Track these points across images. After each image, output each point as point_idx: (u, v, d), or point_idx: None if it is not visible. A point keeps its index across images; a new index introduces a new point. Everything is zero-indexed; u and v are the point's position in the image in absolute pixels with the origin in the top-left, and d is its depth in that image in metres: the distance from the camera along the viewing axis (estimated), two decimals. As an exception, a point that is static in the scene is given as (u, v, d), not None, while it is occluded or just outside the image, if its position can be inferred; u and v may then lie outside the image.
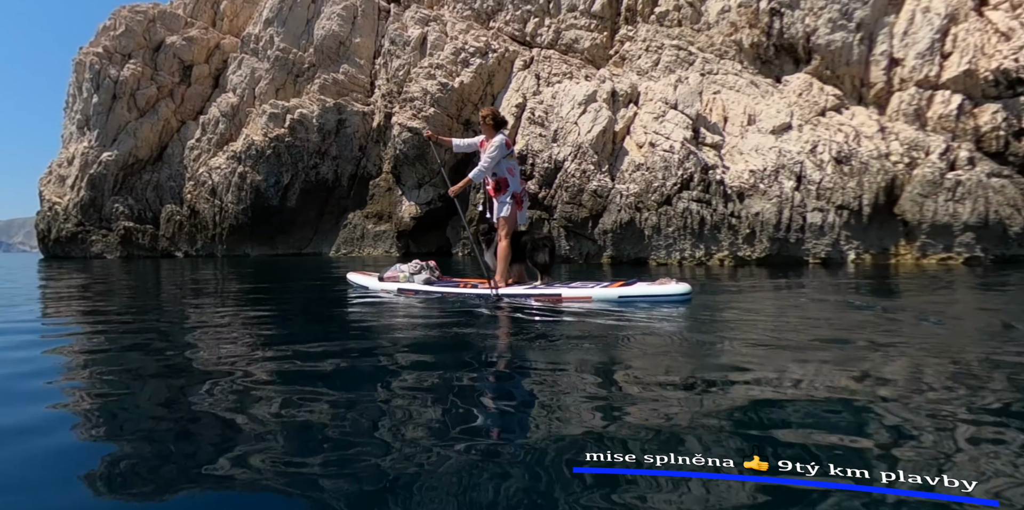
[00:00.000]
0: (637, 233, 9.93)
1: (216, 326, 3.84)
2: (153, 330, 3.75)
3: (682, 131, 10.86)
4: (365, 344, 3.00)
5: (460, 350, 2.88)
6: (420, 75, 20.44)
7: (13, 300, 5.93)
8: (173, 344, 3.16)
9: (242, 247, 23.28)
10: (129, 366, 2.58)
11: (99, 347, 3.17)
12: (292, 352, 2.72)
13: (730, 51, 14.51)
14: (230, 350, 2.90)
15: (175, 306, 5.36)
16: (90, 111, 24.70)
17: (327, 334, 3.40)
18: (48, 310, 5.23)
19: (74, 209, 24.69)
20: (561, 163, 11.25)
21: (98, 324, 4.18)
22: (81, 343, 3.29)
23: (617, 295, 4.39)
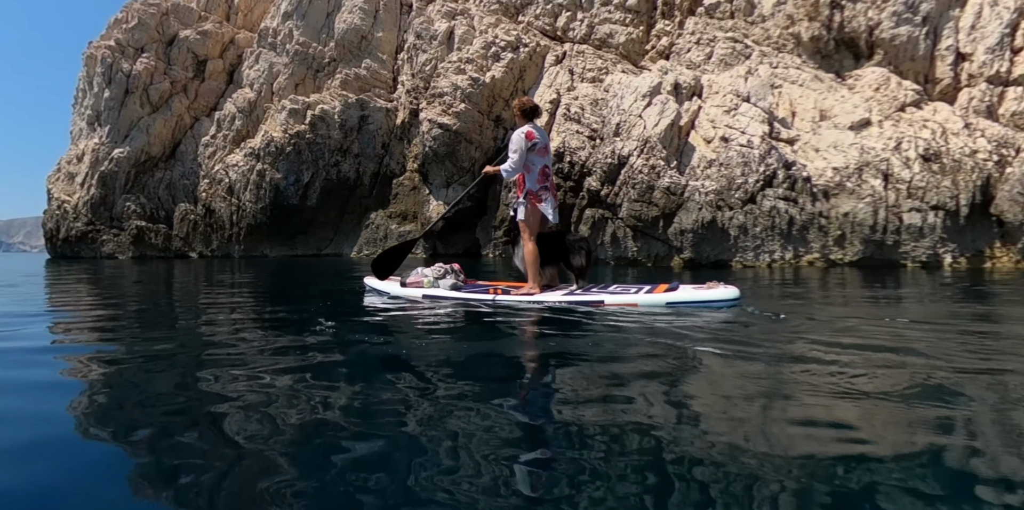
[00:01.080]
0: (719, 233, 9.25)
1: (233, 335, 3.50)
2: (168, 339, 3.41)
3: (759, 125, 10.20)
4: (385, 359, 2.69)
5: (492, 371, 2.48)
6: (449, 70, 19.72)
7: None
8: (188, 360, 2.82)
9: (260, 248, 22.46)
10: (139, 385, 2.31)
11: (113, 357, 2.84)
12: (309, 371, 2.42)
13: (788, 44, 13.88)
14: (241, 365, 2.58)
15: (195, 316, 4.65)
16: (101, 106, 23.82)
17: (344, 346, 3.00)
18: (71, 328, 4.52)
19: (84, 207, 23.80)
20: (625, 158, 10.55)
21: (113, 331, 3.81)
22: (93, 351, 3.02)
23: (664, 301, 4.05)
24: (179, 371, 2.45)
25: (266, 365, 2.46)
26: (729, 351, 2.66)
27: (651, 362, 2.47)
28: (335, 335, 3.25)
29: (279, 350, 2.85)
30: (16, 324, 3.88)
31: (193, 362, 2.61)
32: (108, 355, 2.87)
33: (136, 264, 17.54)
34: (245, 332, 3.56)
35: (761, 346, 2.74)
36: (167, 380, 2.30)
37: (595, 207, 10.87)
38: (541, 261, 4.67)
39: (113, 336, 3.57)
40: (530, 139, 4.63)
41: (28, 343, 3.20)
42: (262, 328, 3.73)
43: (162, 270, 12.92)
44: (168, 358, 2.73)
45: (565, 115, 17.96)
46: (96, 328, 3.95)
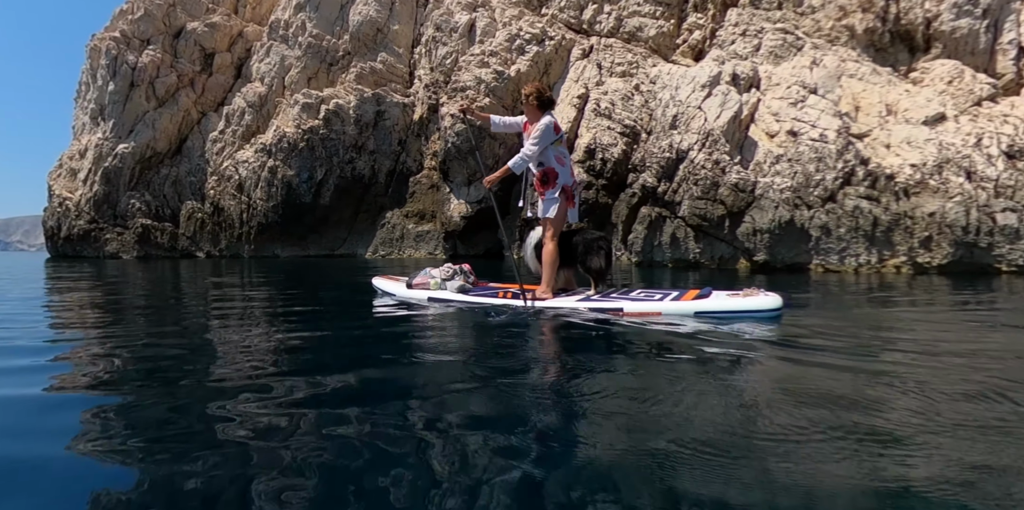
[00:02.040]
0: (798, 234, 8.53)
1: (240, 337, 3.40)
2: (174, 346, 3.21)
3: (830, 119, 9.50)
4: (377, 369, 2.52)
5: (491, 390, 2.20)
6: (471, 63, 18.96)
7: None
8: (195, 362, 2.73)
9: (271, 247, 21.62)
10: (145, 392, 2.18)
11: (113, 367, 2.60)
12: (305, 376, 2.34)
13: (841, 37, 13.20)
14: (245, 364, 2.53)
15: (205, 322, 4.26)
16: (105, 100, 22.93)
17: (340, 353, 2.89)
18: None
19: (86, 205, 22.89)
20: (685, 153, 9.83)
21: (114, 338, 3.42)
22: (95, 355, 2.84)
23: (693, 310, 3.61)
24: (180, 390, 2.20)
25: (265, 390, 2.15)
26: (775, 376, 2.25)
27: (672, 388, 2.11)
28: (337, 344, 3.06)
29: (279, 368, 2.56)
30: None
31: (197, 383, 2.33)
32: (106, 373, 2.53)
33: (141, 264, 16.73)
34: (248, 340, 3.28)
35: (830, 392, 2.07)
36: (166, 395, 2.11)
37: (652, 205, 10.14)
38: (558, 263, 4.34)
39: (110, 348, 3.12)
40: (557, 132, 4.32)
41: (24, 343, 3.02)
42: (266, 335, 3.42)
43: (168, 271, 12.17)
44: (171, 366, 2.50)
45: (595, 110, 17.25)
46: (95, 342, 3.41)
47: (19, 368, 2.54)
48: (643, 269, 10.12)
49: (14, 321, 4.10)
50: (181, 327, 3.87)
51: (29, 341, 3.22)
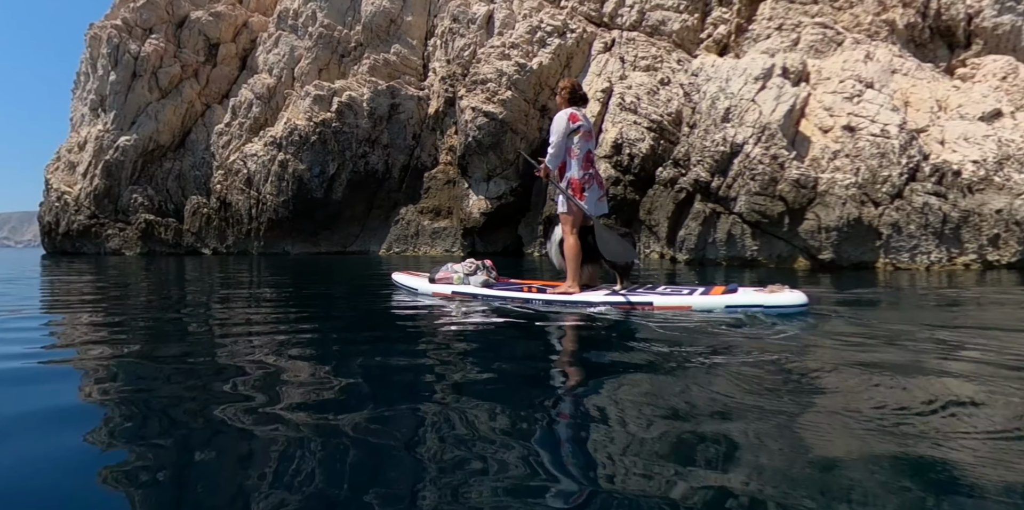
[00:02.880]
0: (865, 232, 8.36)
1: (255, 335, 3.32)
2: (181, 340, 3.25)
3: (890, 113, 9.34)
4: (412, 361, 2.52)
5: (523, 383, 2.22)
6: (492, 55, 18.62)
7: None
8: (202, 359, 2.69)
9: (281, 244, 21.16)
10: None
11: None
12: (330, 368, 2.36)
13: (881, 32, 13.08)
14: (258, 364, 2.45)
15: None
16: (106, 90, 22.28)
17: (372, 346, 2.85)
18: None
19: (86, 199, 22.25)
20: (739, 147, 9.63)
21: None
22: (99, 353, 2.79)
23: (723, 304, 3.64)
24: (190, 385, 2.16)
25: (282, 385, 2.11)
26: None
27: (715, 382, 2.07)
28: (357, 338, 3.04)
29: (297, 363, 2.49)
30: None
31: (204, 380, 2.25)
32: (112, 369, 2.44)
33: (144, 261, 16.24)
34: (260, 337, 3.16)
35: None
36: (178, 383, 2.11)
37: (704, 201, 9.92)
38: (581, 258, 4.30)
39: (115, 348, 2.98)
40: (574, 121, 4.27)
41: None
42: (281, 333, 3.29)
43: (173, 268, 11.81)
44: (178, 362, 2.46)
45: (620, 105, 17.03)
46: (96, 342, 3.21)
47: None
48: (694, 267, 9.90)
49: None
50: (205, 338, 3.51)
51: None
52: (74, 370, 2.46)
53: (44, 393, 2.05)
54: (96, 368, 2.41)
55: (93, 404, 1.92)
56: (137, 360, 2.57)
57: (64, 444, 1.53)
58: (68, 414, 1.80)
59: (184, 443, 1.57)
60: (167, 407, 1.86)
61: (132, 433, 1.64)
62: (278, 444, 1.50)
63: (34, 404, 1.90)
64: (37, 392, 2.06)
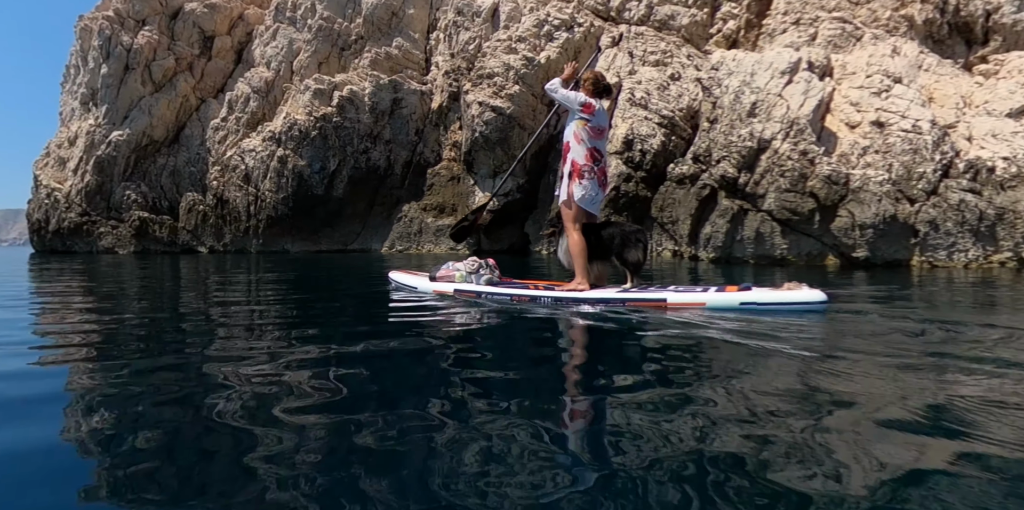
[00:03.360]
0: (900, 229, 8.24)
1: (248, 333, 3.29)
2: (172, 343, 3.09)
3: (920, 109, 9.23)
4: (416, 362, 2.45)
5: (541, 385, 2.16)
6: (498, 49, 18.36)
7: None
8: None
9: (280, 242, 20.78)
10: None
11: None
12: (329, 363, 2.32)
13: (900, 27, 12.98)
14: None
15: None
16: (98, 83, 21.71)
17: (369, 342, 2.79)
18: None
19: (77, 196, 21.70)
20: (767, 142, 9.47)
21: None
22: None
23: (738, 301, 3.59)
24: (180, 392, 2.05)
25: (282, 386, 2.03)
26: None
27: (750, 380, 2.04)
28: (358, 339, 2.93)
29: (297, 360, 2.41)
30: None
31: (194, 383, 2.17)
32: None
33: (138, 260, 15.85)
34: (259, 340, 3.05)
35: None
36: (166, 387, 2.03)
37: (731, 198, 9.76)
38: (588, 256, 4.25)
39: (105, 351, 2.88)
40: (586, 111, 4.19)
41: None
42: (280, 336, 3.18)
43: (168, 267, 11.53)
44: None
45: (630, 100, 16.85)
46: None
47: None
48: (720, 266, 9.73)
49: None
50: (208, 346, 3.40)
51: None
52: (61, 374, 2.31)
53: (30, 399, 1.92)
54: (83, 387, 2.17)
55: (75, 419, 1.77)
56: (127, 372, 2.34)
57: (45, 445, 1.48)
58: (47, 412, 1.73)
59: (182, 448, 1.50)
60: (161, 414, 1.76)
61: (121, 448, 1.53)
62: (276, 449, 1.44)
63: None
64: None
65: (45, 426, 1.66)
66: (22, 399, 1.93)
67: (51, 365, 2.45)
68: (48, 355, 2.72)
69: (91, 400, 1.89)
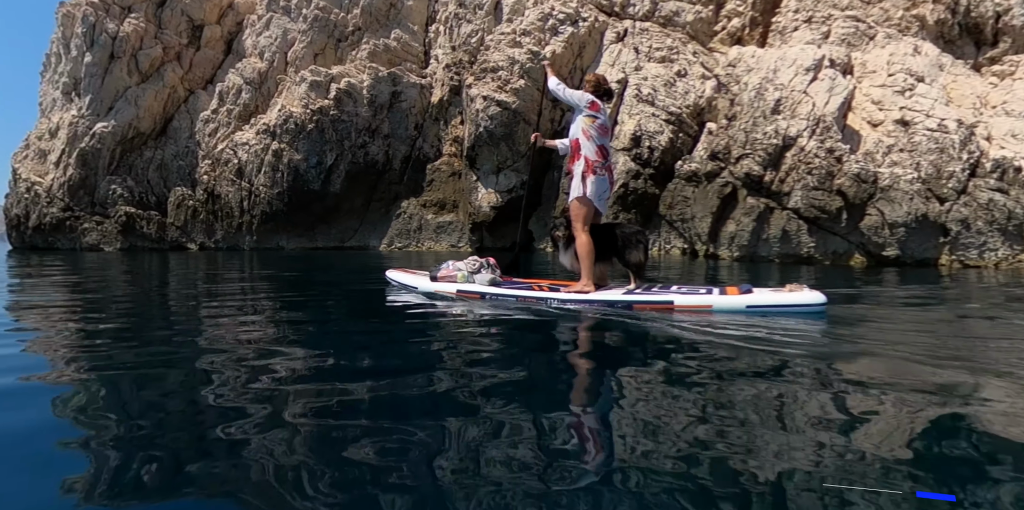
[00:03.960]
0: (930, 228, 8.31)
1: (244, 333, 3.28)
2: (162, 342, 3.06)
3: (944, 108, 9.32)
4: (421, 366, 2.41)
5: (548, 385, 2.18)
6: (502, 42, 18.17)
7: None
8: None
9: (275, 238, 20.36)
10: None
11: None
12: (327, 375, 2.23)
13: (912, 27, 13.12)
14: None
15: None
16: (81, 72, 20.98)
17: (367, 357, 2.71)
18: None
19: (60, 191, 20.98)
20: (792, 140, 9.48)
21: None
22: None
23: (744, 304, 3.71)
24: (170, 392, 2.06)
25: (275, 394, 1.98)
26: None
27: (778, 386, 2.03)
28: (360, 340, 2.93)
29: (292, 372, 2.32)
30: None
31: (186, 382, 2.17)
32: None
33: (126, 258, 15.36)
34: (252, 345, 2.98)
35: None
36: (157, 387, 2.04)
37: (756, 196, 9.75)
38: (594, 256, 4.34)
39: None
40: (593, 109, 4.30)
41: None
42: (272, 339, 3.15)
43: (156, 266, 11.23)
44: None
45: (637, 96, 16.82)
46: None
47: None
48: (745, 265, 9.73)
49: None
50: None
51: None
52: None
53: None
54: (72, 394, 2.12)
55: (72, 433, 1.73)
56: (116, 378, 2.28)
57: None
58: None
59: (188, 456, 1.48)
60: (157, 424, 1.72)
61: (118, 462, 1.50)
62: (278, 461, 1.42)
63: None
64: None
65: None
66: None
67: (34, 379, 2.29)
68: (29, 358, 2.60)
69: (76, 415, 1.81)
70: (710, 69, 17.43)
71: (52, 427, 1.68)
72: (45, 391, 2.07)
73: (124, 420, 1.73)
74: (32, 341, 3.11)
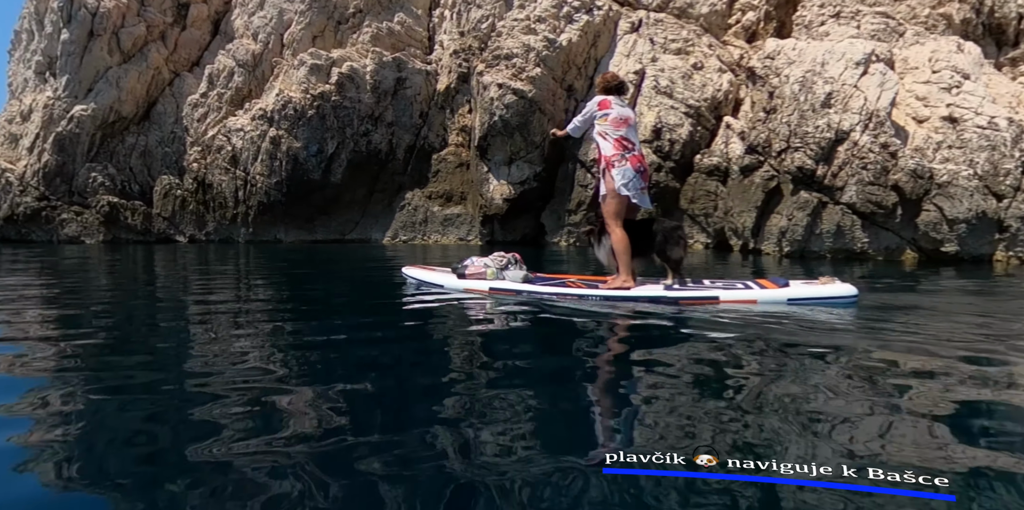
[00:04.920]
0: (987, 224, 8.55)
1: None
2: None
3: (993, 106, 9.57)
4: (476, 370, 2.38)
5: (621, 390, 2.17)
6: (516, 28, 17.92)
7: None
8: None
9: (272, 231, 19.72)
10: None
11: None
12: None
13: (939, 25, 13.43)
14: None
15: None
16: (56, 51, 19.79)
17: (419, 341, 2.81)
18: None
19: (34, 178, 19.82)
20: (844, 134, 9.60)
21: None
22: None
23: (786, 297, 3.91)
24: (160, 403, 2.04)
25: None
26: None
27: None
28: (404, 344, 2.87)
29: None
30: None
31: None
32: None
33: (108, 250, 14.60)
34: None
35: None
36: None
37: (808, 190, 9.85)
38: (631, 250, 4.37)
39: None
40: (603, 108, 4.43)
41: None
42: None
43: (141, 262, 10.72)
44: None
45: (655, 88, 16.85)
46: None
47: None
48: (794, 260, 9.83)
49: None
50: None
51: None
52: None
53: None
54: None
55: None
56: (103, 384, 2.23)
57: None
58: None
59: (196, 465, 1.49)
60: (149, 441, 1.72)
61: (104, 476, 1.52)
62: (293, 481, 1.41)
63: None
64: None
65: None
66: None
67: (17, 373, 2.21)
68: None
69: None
70: (726, 62, 17.56)
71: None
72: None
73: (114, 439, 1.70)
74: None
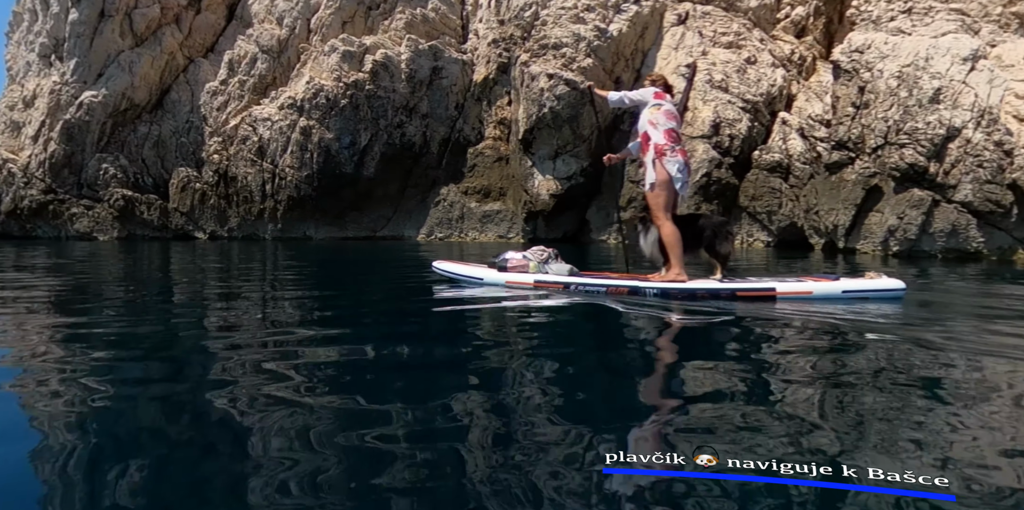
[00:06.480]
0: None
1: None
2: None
3: (1100, 105, 9.74)
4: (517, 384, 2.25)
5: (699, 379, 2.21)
6: (563, 17, 17.70)
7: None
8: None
9: (301, 227, 19.20)
10: None
11: None
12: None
13: (1012, 24, 13.63)
14: None
15: None
16: (64, 32, 18.88)
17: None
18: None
19: (39, 169, 18.91)
20: (956, 131, 9.67)
21: None
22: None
23: (840, 290, 3.98)
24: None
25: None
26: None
27: None
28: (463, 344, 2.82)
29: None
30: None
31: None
32: None
33: (123, 248, 13.98)
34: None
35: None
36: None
37: (918, 187, 9.89)
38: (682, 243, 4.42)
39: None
40: (658, 98, 4.48)
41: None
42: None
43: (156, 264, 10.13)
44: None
45: (710, 82, 16.83)
46: None
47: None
48: (903, 260, 9.87)
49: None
50: None
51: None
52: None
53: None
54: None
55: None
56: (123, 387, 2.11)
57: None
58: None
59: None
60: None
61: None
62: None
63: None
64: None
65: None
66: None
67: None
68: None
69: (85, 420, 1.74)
70: (777, 57, 17.63)
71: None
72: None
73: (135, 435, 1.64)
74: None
